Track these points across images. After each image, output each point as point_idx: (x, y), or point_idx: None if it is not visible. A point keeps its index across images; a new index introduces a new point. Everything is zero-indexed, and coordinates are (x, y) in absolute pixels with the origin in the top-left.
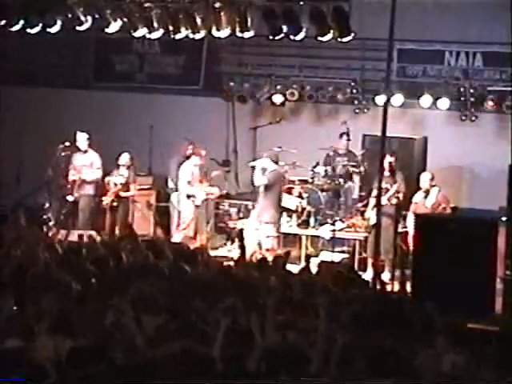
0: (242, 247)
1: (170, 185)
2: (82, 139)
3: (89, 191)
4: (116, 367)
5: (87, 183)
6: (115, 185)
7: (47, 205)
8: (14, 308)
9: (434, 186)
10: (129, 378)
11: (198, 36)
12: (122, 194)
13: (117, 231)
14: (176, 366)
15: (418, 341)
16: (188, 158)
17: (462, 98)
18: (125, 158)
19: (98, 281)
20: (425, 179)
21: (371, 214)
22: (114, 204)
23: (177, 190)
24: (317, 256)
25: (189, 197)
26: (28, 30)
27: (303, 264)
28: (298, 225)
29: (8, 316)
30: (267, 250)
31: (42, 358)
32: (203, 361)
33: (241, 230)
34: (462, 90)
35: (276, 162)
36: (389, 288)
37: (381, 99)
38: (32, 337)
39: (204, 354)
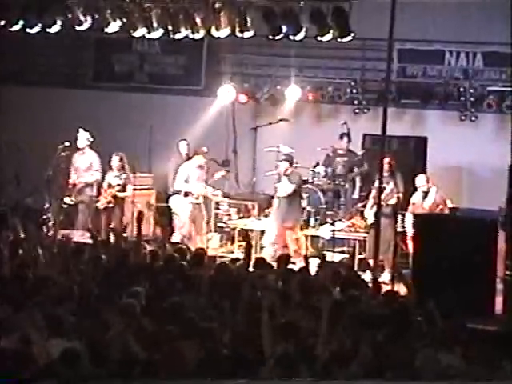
0: (248, 248)
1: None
2: (82, 138)
3: (89, 193)
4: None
5: (87, 185)
6: (110, 185)
7: (47, 205)
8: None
9: (431, 186)
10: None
11: (197, 36)
12: (119, 194)
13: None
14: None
15: (418, 341)
16: (189, 158)
17: (462, 98)
18: (115, 161)
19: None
20: (420, 181)
21: (369, 214)
22: (110, 205)
23: (177, 193)
24: (318, 257)
25: (186, 195)
26: (28, 30)
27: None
28: None
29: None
30: (295, 251)
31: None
32: None
33: (246, 231)
34: (461, 90)
35: (291, 164)
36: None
37: None
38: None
39: None
